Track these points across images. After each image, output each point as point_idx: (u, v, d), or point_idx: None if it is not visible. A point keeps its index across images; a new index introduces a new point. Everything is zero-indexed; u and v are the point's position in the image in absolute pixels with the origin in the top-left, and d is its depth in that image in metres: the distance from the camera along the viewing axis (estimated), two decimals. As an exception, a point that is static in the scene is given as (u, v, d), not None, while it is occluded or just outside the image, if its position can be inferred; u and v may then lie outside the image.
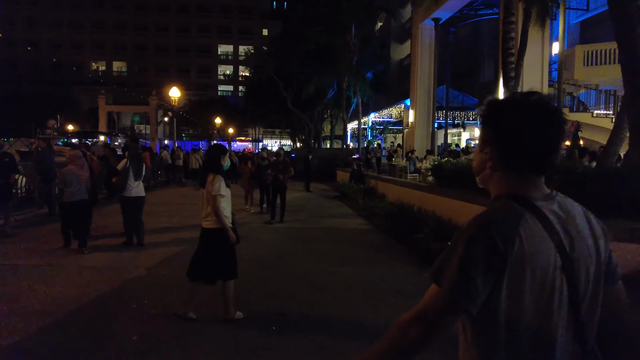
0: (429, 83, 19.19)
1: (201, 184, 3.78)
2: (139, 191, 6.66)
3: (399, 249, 6.77)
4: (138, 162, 6.68)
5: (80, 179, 6.34)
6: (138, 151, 6.95)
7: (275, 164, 8.83)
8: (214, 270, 3.72)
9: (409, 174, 13.13)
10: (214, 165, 3.77)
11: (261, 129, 56.52)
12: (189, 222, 8.67)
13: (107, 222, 8.00)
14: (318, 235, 7.73)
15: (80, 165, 6.48)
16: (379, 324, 3.57)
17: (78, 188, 6.29)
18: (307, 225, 8.64)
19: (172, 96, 20.42)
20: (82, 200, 6.35)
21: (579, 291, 0.97)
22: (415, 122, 19.31)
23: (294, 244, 6.85)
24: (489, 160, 1.06)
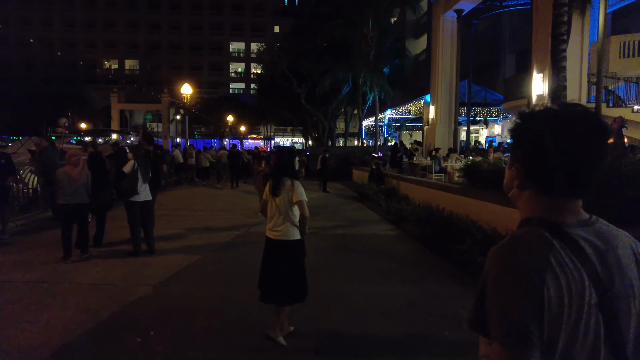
0: (451, 78, 18.28)
1: (273, 191, 3.40)
2: (147, 195, 6.04)
3: (438, 263, 6.00)
4: (145, 163, 6.04)
5: (73, 180, 5.68)
6: (147, 150, 6.24)
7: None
8: (285, 291, 3.37)
9: (433, 174, 12.31)
10: (289, 168, 3.49)
11: (273, 126, 56.05)
12: (203, 226, 8.06)
13: (114, 226, 7.40)
14: (344, 244, 6.98)
15: (73, 164, 5.80)
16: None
17: (70, 190, 5.66)
18: (329, 232, 7.90)
19: (184, 93, 19.87)
20: (79, 203, 5.75)
21: (620, 332, 0.87)
22: (436, 118, 18.42)
23: (319, 256, 6.10)
24: (516, 179, 0.98)
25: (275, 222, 3.41)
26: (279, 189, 3.40)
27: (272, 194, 3.43)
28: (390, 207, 10.25)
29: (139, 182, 5.91)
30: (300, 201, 3.35)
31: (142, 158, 6.07)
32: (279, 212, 3.37)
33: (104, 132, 42.63)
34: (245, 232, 7.60)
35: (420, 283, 4.96)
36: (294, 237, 3.39)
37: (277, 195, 3.39)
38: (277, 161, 3.59)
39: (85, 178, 5.88)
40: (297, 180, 3.47)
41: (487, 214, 7.40)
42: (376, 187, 13.01)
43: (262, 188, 9.45)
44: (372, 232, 7.90)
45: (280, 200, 3.38)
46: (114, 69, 60.49)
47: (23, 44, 56.67)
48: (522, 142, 0.95)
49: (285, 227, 3.36)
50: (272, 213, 3.44)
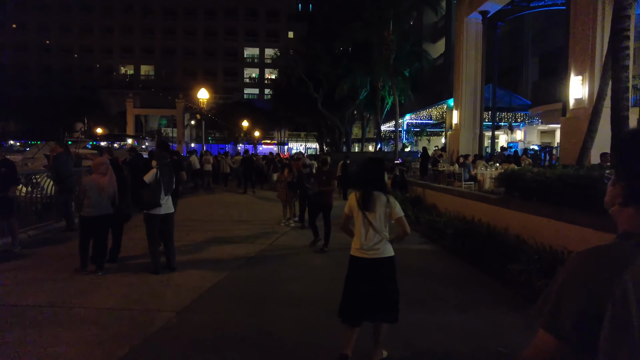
0: (475, 82, 17.60)
1: (365, 206, 3.12)
2: (168, 207, 5.56)
3: (486, 283, 5.37)
4: (169, 172, 5.53)
5: (102, 190, 5.32)
6: (168, 159, 5.75)
7: (319, 174, 7.33)
8: (379, 309, 3.13)
9: (463, 182, 11.63)
10: (379, 182, 3.23)
11: (287, 132, 55.84)
12: (224, 237, 7.56)
13: (131, 237, 6.95)
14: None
15: (102, 173, 5.42)
16: None
17: (98, 201, 5.32)
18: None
19: (200, 98, 19.57)
20: (103, 215, 5.37)
21: None
22: (460, 123, 17.74)
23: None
24: (618, 196, 1.00)
25: (368, 240, 3.12)
26: (372, 204, 3.11)
27: (363, 209, 3.13)
28: (419, 217, 9.63)
29: (162, 194, 5.42)
30: (400, 218, 3.14)
31: (167, 167, 5.55)
32: (373, 229, 3.11)
33: (119, 137, 42.91)
34: (270, 245, 7.07)
35: (476, 310, 4.34)
36: (390, 254, 3.18)
37: (369, 211, 3.11)
38: (367, 174, 3.24)
39: (113, 188, 5.47)
40: (389, 193, 3.24)
41: (533, 228, 6.75)
42: (401, 195, 12.40)
43: (286, 198, 9.08)
44: (405, 247, 7.26)
45: (374, 216, 3.11)
46: (129, 75, 61.12)
47: (42, 49, 57.67)
48: (632, 161, 0.96)
49: (382, 244, 3.14)
50: (363, 230, 3.14)
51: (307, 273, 5.54)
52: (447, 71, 32.08)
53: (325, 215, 6.87)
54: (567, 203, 6.20)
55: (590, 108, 9.95)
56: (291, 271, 5.56)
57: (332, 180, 6.96)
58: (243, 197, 14.70)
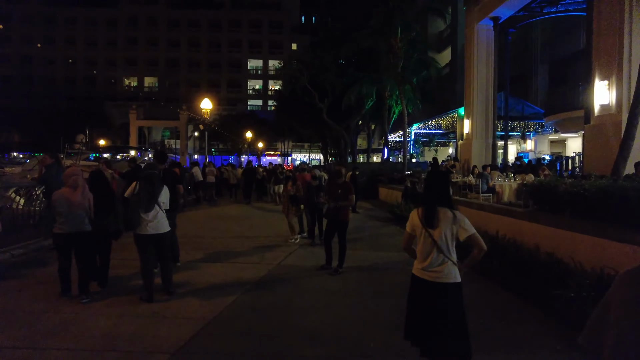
0: (487, 90, 17.04)
1: (428, 222, 2.83)
2: (158, 226, 4.83)
3: (529, 312, 4.68)
4: (152, 186, 4.85)
5: (72, 206, 4.70)
6: (155, 171, 5.09)
7: (333, 187, 6.45)
8: (447, 345, 2.81)
9: (481, 194, 10.96)
10: (445, 196, 2.95)
11: (290, 143, 55.54)
12: (227, 256, 6.90)
13: (128, 257, 6.32)
14: (404, 285, 5.69)
15: (71, 186, 4.78)
16: None
17: (70, 217, 4.70)
18: (378, 267, 6.63)
19: (203, 108, 19.09)
20: (79, 233, 4.76)
21: None
22: (472, 133, 17.12)
23: (374, 304, 4.84)
24: None
25: (431, 260, 2.84)
26: (436, 221, 2.82)
27: (426, 226, 2.84)
28: (437, 232, 8.95)
29: (142, 211, 4.76)
30: (473, 235, 2.83)
31: (150, 180, 4.88)
32: (437, 248, 2.82)
33: (122, 148, 42.68)
34: (279, 266, 6.40)
35: (527, 349, 3.65)
36: (455, 280, 2.83)
37: (433, 228, 2.82)
38: (432, 187, 2.97)
39: (87, 202, 4.85)
40: (456, 209, 2.91)
41: (569, 245, 6.07)
42: (413, 207, 11.72)
43: (290, 212, 8.30)
44: (427, 266, 6.60)
45: (439, 234, 2.82)
46: (133, 86, 61.19)
47: (46, 62, 57.88)
48: None
49: (446, 267, 2.82)
50: (426, 249, 2.87)
51: (324, 301, 4.84)
52: (453, 81, 31.67)
53: (341, 233, 6.18)
54: (611, 218, 5.54)
55: (618, 114, 9.33)
56: (306, 298, 4.87)
57: (349, 194, 6.22)
58: (247, 210, 14.06)
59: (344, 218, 6.22)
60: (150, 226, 4.77)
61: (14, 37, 57.17)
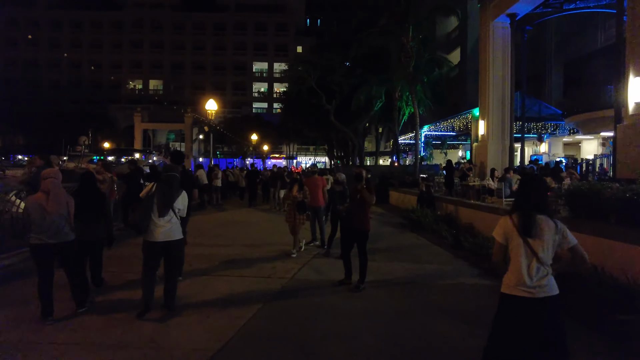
0: (503, 89, 16.33)
1: (527, 231, 2.60)
2: (169, 232, 4.33)
3: (586, 338, 3.98)
4: (170, 189, 4.39)
5: (46, 213, 4.10)
6: (174, 173, 4.55)
7: (353, 192, 5.75)
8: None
9: (504, 199, 10.25)
10: (545, 203, 2.75)
11: (295, 145, 55.04)
12: (236, 267, 6.26)
13: (120, 267, 5.71)
14: (430, 304, 5.00)
15: (44, 190, 4.20)
16: None
17: (44, 225, 4.11)
18: (399, 281, 5.94)
19: (208, 109, 18.54)
20: (57, 244, 4.18)
21: None
22: (488, 134, 16.41)
23: (413, 329, 4.16)
24: None
25: (531, 273, 2.59)
26: (537, 230, 2.59)
27: (525, 235, 2.60)
28: (461, 241, 8.26)
29: (155, 215, 4.28)
30: (575, 246, 2.63)
31: (168, 183, 4.40)
32: (538, 261, 2.59)
33: (126, 151, 42.35)
34: (292, 281, 5.73)
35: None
36: (557, 291, 2.63)
37: (533, 237, 2.60)
38: (526, 193, 2.76)
39: (65, 208, 4.24)
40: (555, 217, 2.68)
41: (618, 258, 5.40)
42: (431, 214, 11.04)
43: (298, 221, 7.25)
44: (458, 282, 5.92)
45: (540, 244, 2.59)
46: (138, 89, 60.99)
47: (52, 65, 57.82)
48: None
49: (547, 279, 2.60)
50: (524, 261, 2.60)
51: (351, 326, 4.15)
52: (462, 82, 30.97)
53: (361, 244, 5.47)
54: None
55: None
56: (329, 324, 4.18)
57: (368, 199, 5.52)
58: (254, 215, 13.42)
59: (362, 227, 5.52)
60: (162, 232, 4.27)
61: (20, 40, 57.20)
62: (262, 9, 60.52)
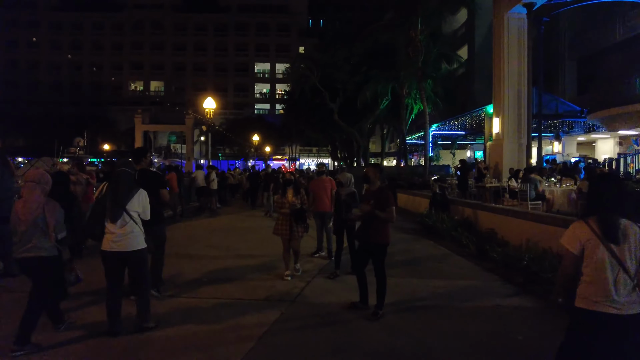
0: (519, 85, 15.31)
1: (611, 237, 2.19)
2: (125, 242, 3.70)
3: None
4: (118, 185, 3.76)
5: (19, 221, 3.50)
6: (125, 168, 3.85)
7: (365, 196, 4.83)
8: None
9: (529, 202, 9.26)
10: (626, 205, 2.33)
11: (298, 147, 54.23)
12: (229, 284, 5.29)
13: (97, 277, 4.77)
14: (469, 335, 4.02)
15: (25, 198, 3.55)
16: None
17: (16, 236, 3.53)
18: (423, 302, 4.95)
19: (207, 108, 17.63)
20: (27, 258, 3.53)
21: None
22: (503, 132, 15.38)
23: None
24: None
25: (617, 286, 2.17)
26: (621, 235, 2.20)
27: (608, 242, 2.19)
28: (486, 249, 7.26)
29: (107, 220, 3.75)
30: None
31: (116, 179, 3.79)
32: (625, 272, 2.17)
33: (126, 153, 41.73)
34: (294, 305, 4.71)
35: None
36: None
37: (618, 244, 2.19)
38: (603, 194, 2.29)
39: (40, 215, 3.50)
40: None
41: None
42: (447, 218, 10.05)
43: (288, 234, 5.51)
44: (493, 303, 4.92)
45: (627, 252, 2.18)
46: (139, 91, 60.33)
47: (53, 67, 57.23)
48: None
49: (637, 294, 2.19)
50: (610, 274, 2.19)
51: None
52: (470, 80, 29.98)
53: (378, 259, 4.44)
54: None
55: None
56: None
57: (387, 204, 4.42)
58: (253, 220, 12.43)
59: (381, 239, 4.49)
60: (114, 241, 3.69)
61: (21, 42, 56.68)
62: (264, 9, 59.82)
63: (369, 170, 4.85)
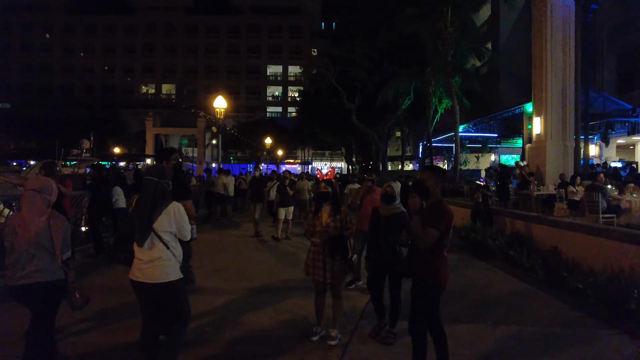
0: (564, 80, 13.65)
1: None
2: (150, 270, 2.87)
3: None
4: (145, 200, 2.91)
5: (19, 240, 2.84)
6: (151, 177, 2.94)
7: (418, 214, 3.08)
8: None
9: (600, 215, 7.64)
10: None
11: (310, 150, 52.96)
12: (240, 339, 3.80)
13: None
14: None
15: (24, 210, 2.94)
16: None
17: (19, 259, 2.84)
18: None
19: (217, 107, 16.36)
20: (36, 284, 2.84)
21: None
22: (545, 133, 13.70)
23: None
24: None
25: None
26: None
27: None
28: (565, 277, 5.71)
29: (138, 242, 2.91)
30: None
31: (143, 192, 2.94)
32: None
33: (137, 157, 40.89)
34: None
35: None
36: None
37: None
38: None
39: (44, 231, 2.87)
40: None
41: None
42: (491, 232, 8.50)
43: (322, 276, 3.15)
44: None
45: None
46: (151, 94, 59.81)
47: (65, 70, 57.05)
48: None
49: None
50: None
51: None
52: (494, 80, 28.28)
53: (431, 309, 2.99)
54: None
55: None
56: None
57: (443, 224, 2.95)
58: (265, 232, 10.93)
59: (434, 278, 2.96)
60: (140, 268, 2.91)
61: (34, 45, 56.67)
62: (276, 11, 58.86)
63: (427, 175, 3.18)
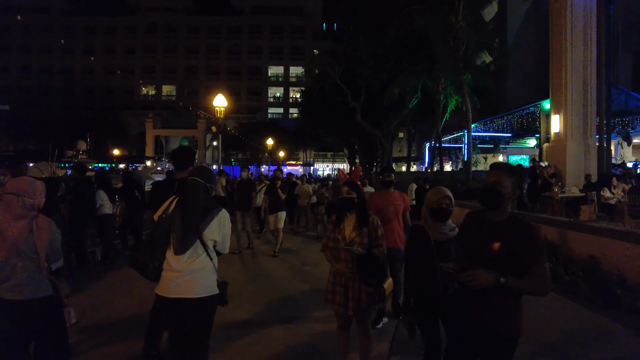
0: (585, 76, 12.88)
1: None
2: (188, 283, 2.45)
3: None
4: (194, 203, 2.50)
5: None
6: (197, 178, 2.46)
7: (485, 235, 2.11)
8: None
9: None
10: None
11: (312, 152, 52.22)
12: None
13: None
14: None
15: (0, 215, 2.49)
16: None
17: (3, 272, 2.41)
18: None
19: (217, 106, 15.60)
20: (21, 302, 2.43)
21: None
22: (565, 132, 12.93)
23: None
24: None
25: None
26: None
27: None
28: (619, 295, 4.92)
29: (170, 251, 2.51)
30: None
31: (190, 193, 2.51)
32: None
33: (137, 158, 40.26)
34: None
35: None
36: None
37: None
38: None
39: (27, 238, 2.47)
40: None
41: None
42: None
43: (341, 301, 2.61)
44: None
45: None
46: (151, 95, 59.15)
47: (65, 71, 56.43)
48: None
49: None
50: None
51: None
52: (502, 79, 27.55)
53: None
54: None
55: None
56: None
57: (534, 260, 1.97)
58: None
59: (507, 325, 2.05)
60: (176, 281, 2.42)
61: (34, 47, 56.09)
62: (278, 11, 58.20)
63: (502, 176, 2.14)
